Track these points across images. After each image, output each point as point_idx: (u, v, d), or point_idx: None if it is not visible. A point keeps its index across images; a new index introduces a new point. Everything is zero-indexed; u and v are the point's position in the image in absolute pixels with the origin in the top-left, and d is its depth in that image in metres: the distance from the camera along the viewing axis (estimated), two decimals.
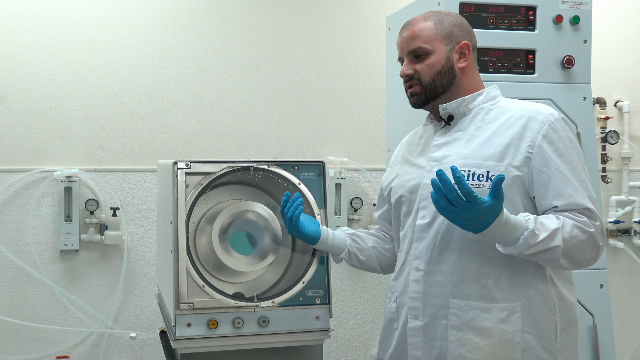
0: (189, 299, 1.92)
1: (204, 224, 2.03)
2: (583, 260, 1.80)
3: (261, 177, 2.08)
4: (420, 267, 1.89)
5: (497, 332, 1.82)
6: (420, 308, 1.89)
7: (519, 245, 1.72)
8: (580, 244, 1.77)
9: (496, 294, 1.83)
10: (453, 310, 1.85)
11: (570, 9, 2.69)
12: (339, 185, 3.61)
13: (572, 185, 1.80)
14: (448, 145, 1.92)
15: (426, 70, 1.91)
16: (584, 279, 2.66)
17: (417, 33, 1.93)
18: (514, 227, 1.71)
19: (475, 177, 1.83)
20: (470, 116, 1.93)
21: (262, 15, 3.58)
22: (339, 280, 3.59)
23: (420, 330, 1.89)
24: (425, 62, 1.91)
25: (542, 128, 1.83)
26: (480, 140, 1.87)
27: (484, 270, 1.83)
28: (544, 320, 1.85)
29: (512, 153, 1.82)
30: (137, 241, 3.45)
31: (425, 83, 1.92)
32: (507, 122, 1.87)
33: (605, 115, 3.83)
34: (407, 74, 1.93)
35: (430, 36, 1.92)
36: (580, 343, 2.65)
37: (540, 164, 1.81)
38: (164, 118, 3.48)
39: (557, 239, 1.73)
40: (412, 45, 1.92)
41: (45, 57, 3.36)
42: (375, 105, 3.69)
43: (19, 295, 3.35)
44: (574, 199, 1.79)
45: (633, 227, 3.92)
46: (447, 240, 1.86)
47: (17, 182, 3.35)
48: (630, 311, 3.95)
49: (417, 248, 1.91)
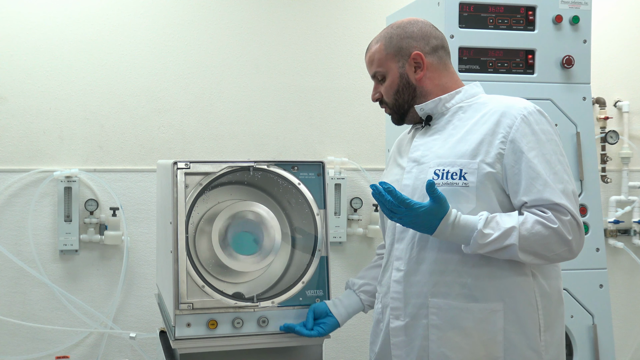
0: (189, 299, 1.92)
1: (204, 224, 2.03)
2: (553, 255, 1.78)
3: (261, 177, 2.08)
4: (401, 267, 1.89)
5: (477, 332, 1.82)
6: (402, 308, 1.89)
7: (470, 245, 1.75)
8: (543, 239, 1.75)
9: (476, 292, 1.82)
10: (433, 310, 1.84)
11: (569, 9, 2.69)
12: (339, 185, 3.61)
13: (541, 180, 1.77)
14: (426, 145, 1.92)
15: (387, 92, 1.98)
16: (583, 279, 2.67)
17: (371, 58, 2.00)
18: (464, 227, 1.74)
19: (449, 175, 1.82)
20: (448, 115, 1.93)
21: (261, 15, 3.58)
22: (338, 281, 3.59)
23: (402, 330, 1.89)
24: (385, 84, 1.98)
25: (514, 122, 1.81)
26: (455, 139, 1.87)
27: (462, 269, 1.83)
28: (527, 318, 1.83)
29: (485, 150, 1.81)
30: (136, 241, 3.45)
31: (390, 104, 1.99)
32: (482, 118, 1.86)
33: (604, 115, 3.83)
34: (375, 99, 2.03)
35: (381, 58, 1.97)
36: (580, 343, 2.67)
37: (512, 160, 1.79)
38: (164, 118, 3.48)
39: (511, 238, 1.73)
40: (371, 71, 2.01)
41: (45, 57, 3.36)
42: (374, 105, 3.63)
43: (19, 296, 3.35)
44: (541, 194, 1.77)
45: (633, 227, 3.92)
46: (425, 240, 1.86)
47: (17, 182, 3.35)
48: (630, 311, 3.95)
49: (398, 249, 1.91)
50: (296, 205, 2.10)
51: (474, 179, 1.80)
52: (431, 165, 1.86)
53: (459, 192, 1.79)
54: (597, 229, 2.75)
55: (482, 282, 1.82)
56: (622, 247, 3.86)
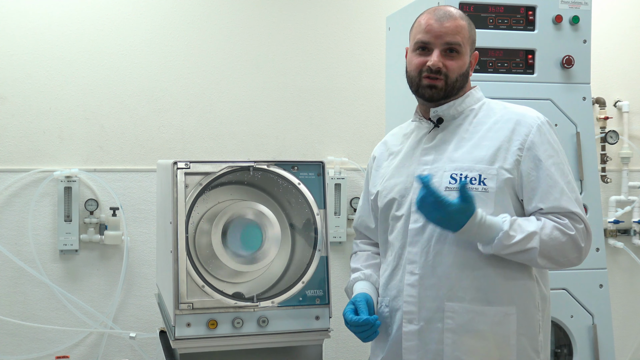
0: (189, 299, 1.92)
1: (204, 224, 2.03)
2: (565, 260, 1.84)
3: (261, 177, 2.08)
4: (415, 271, 1.89)
5: (492, 335, 1.84)
6: (416, 312, 1.88)
7: (494, 245, 1.77)
8: (560, 245, 1.80)
9: (490, 296, 1.84)
10: (449, 314, 1.85)
11: (569, 9, 2.69)
12: (339, 185, 3.61)
13: (559, 188, 1.83)
14: (437, 148, 1.92)
15: (455, 69, 1.90)
16: (583, 278, 2.67)
17: (458, 29, 1.89)
18: (489, 227, 1.76)
19: (467, 180, 1.84)
20: (459, 119, 1.95)
21: (261, 15, 3.58)
22: (338, 280, 3.59)
23: (415, 334, 1.89)
24: (456, 60, 1.89)
25: (530, 130, 1.86)
26: (470, 144, 1.89)
27: (478, 273, 1.84)
28: (532, 320, 1.88)
29: (503, 156, 1.85)
30: (136, 241, 3.45)
31: (451, 81, 1.90)
32: (495, 125, 1.90)
33: (604, 115, 3.83)
34: (438, 67, 1.88)
35: (465, 36, 1.91)
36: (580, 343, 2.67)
37: (529, 167, 1.84)
38: (164, 118, 3.48)
39: (533, 241, 1.78)
40: (453, 39, 1.88)
41: (45, 57, 3.36)
42: (374, 105, 3.69)
43: (19, 295, 3.35)
44: (559, 202, 1.83)
45: (632, 227, 3.92)
46: (442, 244, 1.86)
47: (17, 182, 3.35)
48: (630, 311, 3.95)
49: (411, 252, 1.90)
50: (296, 205, 2.09)
51: (493, 185, 1.83)
52: (446, 169, 1.87)
53: (477, 197, 1.80)
54: (597, 229, 2.75)
55: (497, 285, 1.85)
56: (622, 247, 3.86)
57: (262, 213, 2.05)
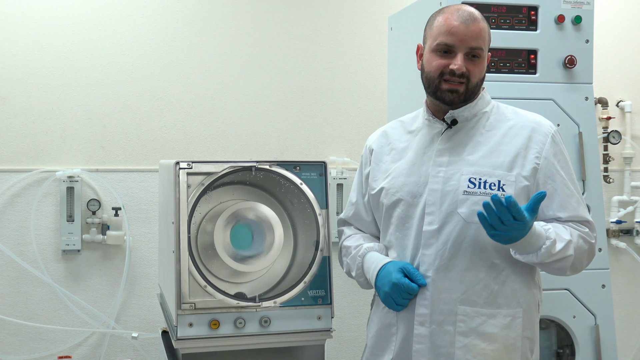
0: (191, 299, 1.92)
1: (206, 224, 2.03)
2: (580, 268, 1.88)
3: (263, 177, 2.08)
4: (428, 273, 1.88)
5: (501, 337, 1.85)
6: (427, 315, 1.88)
7: (541, 254, 1.77)
8: (582, 253, 1.85)
9: (500, 299, 1.86)
10: (461, 317, 1.85)
11: (572, 9, 2.68)
12: (341, 185, 3.60)
13: (576, 198, 1.87)
14: (452, 150, 1.91)
15: (477, 74, 1.88)
16: (586, 279, 2.66)
17: (482, 33, 1.87)
18: (537, 236, 1.76)
19: (486, 185, 1.84)
20: (472, 121, 1.94)
21: (263, 15, 3.58)
22: (340, 281, 3.59)
23: (426, 337, 1.88)
24: (478, 65, 1.87)
25: (546, 140, 1.88)
26: (486, 148, 1.89)
27: (490, 277, 1.86)
28: (533, 322, 1.92)
29: (521, 163, 1.86)
30: (139, 241, 3.45)
31: (472, 85, 1.87)
32: (510, 131, 1.90)
33: (607, 115, 3.82)
34: (463, 72, 1.84)
35: (486, 40, 1.89)
36: (582, 343, 2.66)
37: (546, 176, 1.86)
38: (166, 118, 3.48)
39: (570, 249, 1.81)
40: (477, 43, 1.85)
41: (47, 58, 3.36)
42: (377, 105, 3.69)
43: (21, 295, 3.35)
44: (577, 211, 1.86)
45: (635, 227, 3.91)
46: (457, 248, 1.86)
47: (19, 182, 3.35)
48: (632, 311, 3.95)
49: (425, 254, 1.89)
50: (298, 205, 2.09)
51: (511, 191, 1.83)
52: (464, 172, 1.86)
53: None
54: (600, 229, 2.74)
55: (506, 289, 1.86)
56: (625, 248, 3.85)
57: (264, 213, 2.05)
